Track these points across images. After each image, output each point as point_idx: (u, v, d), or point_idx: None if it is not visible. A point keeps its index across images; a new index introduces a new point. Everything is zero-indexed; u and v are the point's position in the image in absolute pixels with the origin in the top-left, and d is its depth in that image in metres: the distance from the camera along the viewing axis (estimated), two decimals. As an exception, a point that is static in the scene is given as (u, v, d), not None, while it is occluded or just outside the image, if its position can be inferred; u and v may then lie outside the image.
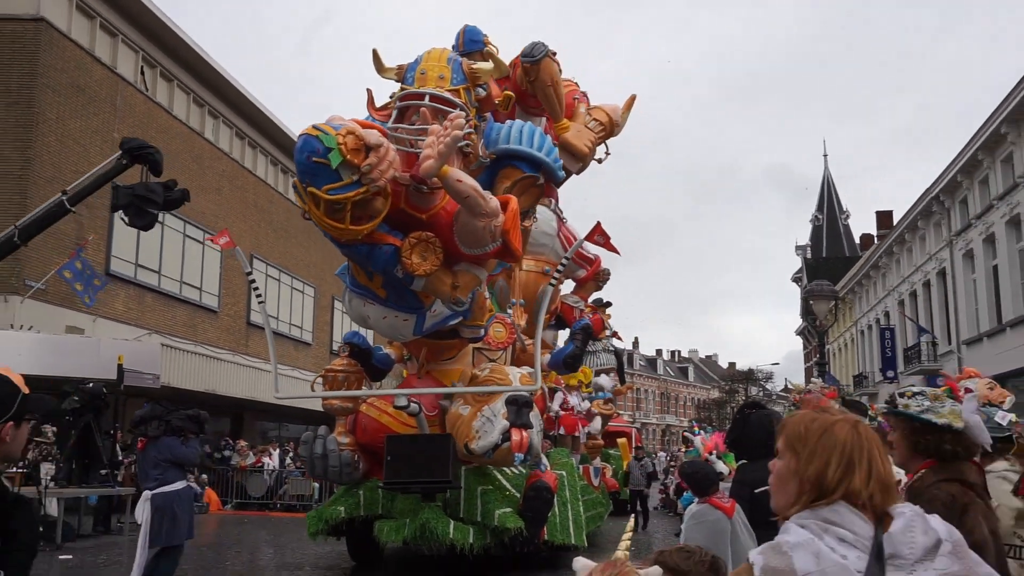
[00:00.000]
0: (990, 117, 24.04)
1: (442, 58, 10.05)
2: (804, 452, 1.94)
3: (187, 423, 8.73)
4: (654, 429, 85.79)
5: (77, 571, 11.59)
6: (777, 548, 1.84)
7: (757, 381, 73.21)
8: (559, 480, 11.19)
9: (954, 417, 2.99)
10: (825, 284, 18.22)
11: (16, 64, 20.42)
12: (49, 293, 19.62)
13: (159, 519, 8.20)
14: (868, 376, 39.03)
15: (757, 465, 5.23)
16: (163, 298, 24.41)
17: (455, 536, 9.51)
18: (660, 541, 15.38)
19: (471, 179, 8.54)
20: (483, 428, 9.58)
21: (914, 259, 33.41)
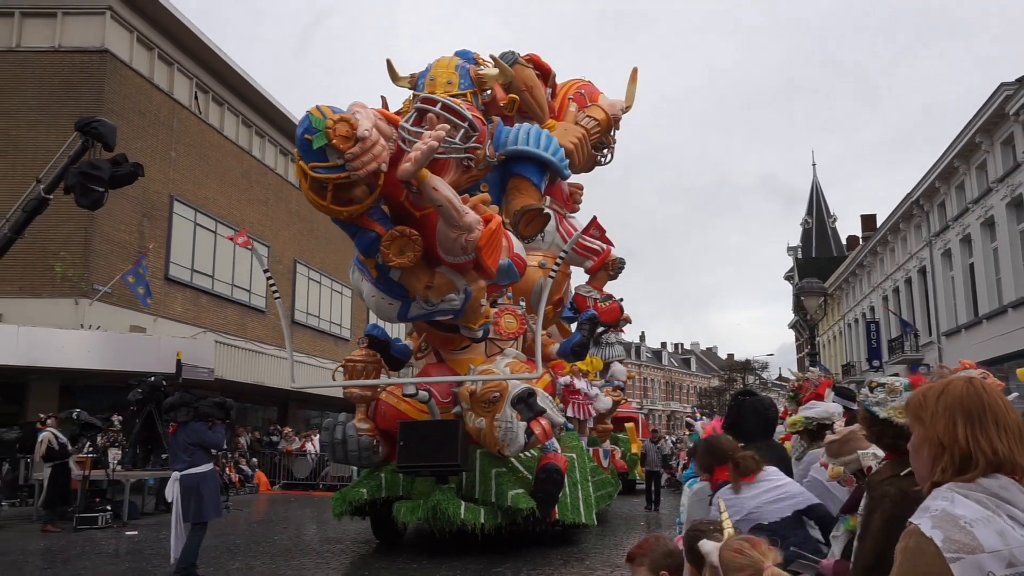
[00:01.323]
0: (965, 127, 23.81)
1: (450, 65, 9.87)
2: (927, 416, 1.80)
3: (214, 410, 8.70)
4: (660, 415, 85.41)
5: (141, 545, 11.66)
6: (954, 521, 1.62)
7: (754, 370, 72.74)
8: (569, 462, 10.89)
9: (897, 412, 2.78)
10: (815, 282, 18.10)
11: (85, 91, 20.60)
12: (115, 296, 19.77)
13: (187, 498, 8.21)
14: (855, 365, 38.76)
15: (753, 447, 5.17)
16: (216, 300, 24.55)
17: (466, 517, 9.24)
18: (668, 518, 15.25)
19: (449, 190, 8.18)
20: (507, 436, 9.40)
21: (896, 258, 33.15)
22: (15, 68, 20.67)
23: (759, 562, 2.14)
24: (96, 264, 19.81)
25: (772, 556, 2.18)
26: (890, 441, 2.82)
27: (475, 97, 9.76)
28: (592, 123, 12.85)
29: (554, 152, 10.85)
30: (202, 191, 24.32)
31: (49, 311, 19.01)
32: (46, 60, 20.78)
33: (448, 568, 8.78)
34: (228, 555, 10.47)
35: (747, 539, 2.27)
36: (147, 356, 18.38)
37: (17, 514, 15.63)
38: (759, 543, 2.24)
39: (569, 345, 11.75)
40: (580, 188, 15.73)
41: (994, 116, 22.04)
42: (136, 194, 21.42)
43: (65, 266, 19.59)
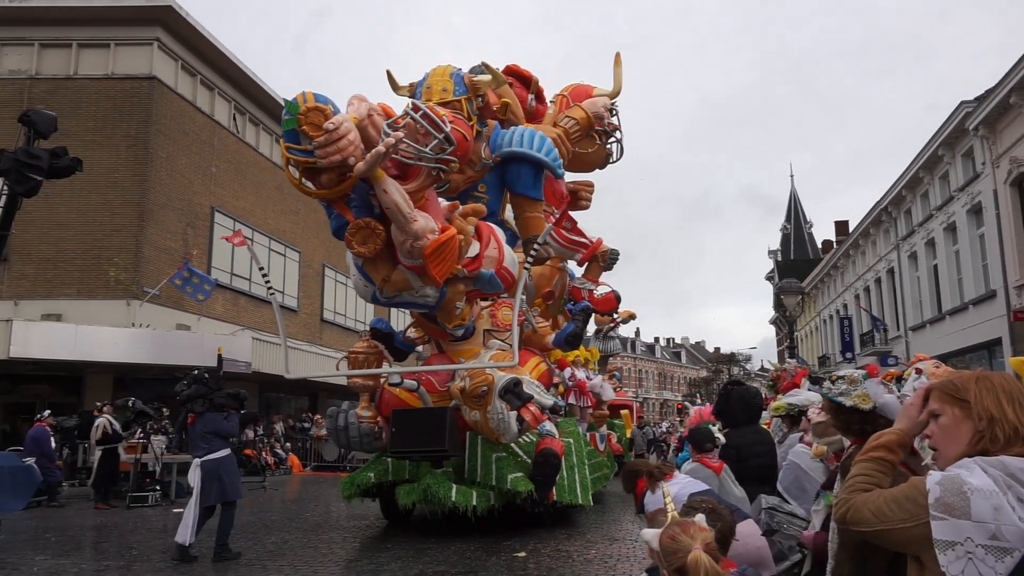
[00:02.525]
0: (929, 141, 23.74)
1: (445, 73, 9.47)
2: (972, 396, 1.76)
3: (228, 400, 8.53)
4: (653, 403, 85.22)
5: (187, 522, 11.64)
6: (958, 487, 1.61)
7: (738, 362, 72.57)
8: (566, 447, 10.51)
9: (861, 399, 2.79)
10: (794, 282, 17.99)
11: (134, 114, 20.68)
12: (163, 297, 19.83)
13: (209, 482, 8.11)
14: (830, 357, 38.59)
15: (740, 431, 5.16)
16: (253, 300, 24.59)
17: (457, 499, 8.82)
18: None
19: (399, 195, 7.54)
20: (500, 426, 8.99)
21: (867, 260, 33.01)
22: (72, 94, 20.76)
23: (688, 546, 2.12)
24: (146, 269, 19.88)
25: (701, 537, 2.16)
26: (858, 427, 2.80)
27: (469, 103, 9.35)
28: (571, 123, 11.93)
29: (547, 152, 10.36)
30: (240, 203, 24.39)
31: (104, 311, 19.09)
32: (100, 86, 20.87)
33: (462, 542, 8.73)
34: (264, 530, 10.47)
35: (681, 523, 2.24)
36: (191, 351, 18.43)
37: (75, 494, 15.68)
38: (690, 526, 2.21)
39: (563, 335, 11.03)
40: (589, 186, 14.80)
41: (955, 131, 21.97)
42: (181, 206, 21.49)
43: (118, 271, 19.66)
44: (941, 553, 1.58)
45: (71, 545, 9.62)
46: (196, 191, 22.35)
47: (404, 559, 7.88)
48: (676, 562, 2.13)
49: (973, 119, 20.59)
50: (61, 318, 18.79)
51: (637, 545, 8.92)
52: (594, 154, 13.14)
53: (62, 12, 20.98)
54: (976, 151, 21.28)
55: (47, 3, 21.13)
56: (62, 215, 19.90)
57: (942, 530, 1.59)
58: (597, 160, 13.15)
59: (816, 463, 4.33)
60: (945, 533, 1.59)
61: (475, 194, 10.48)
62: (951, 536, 1.58)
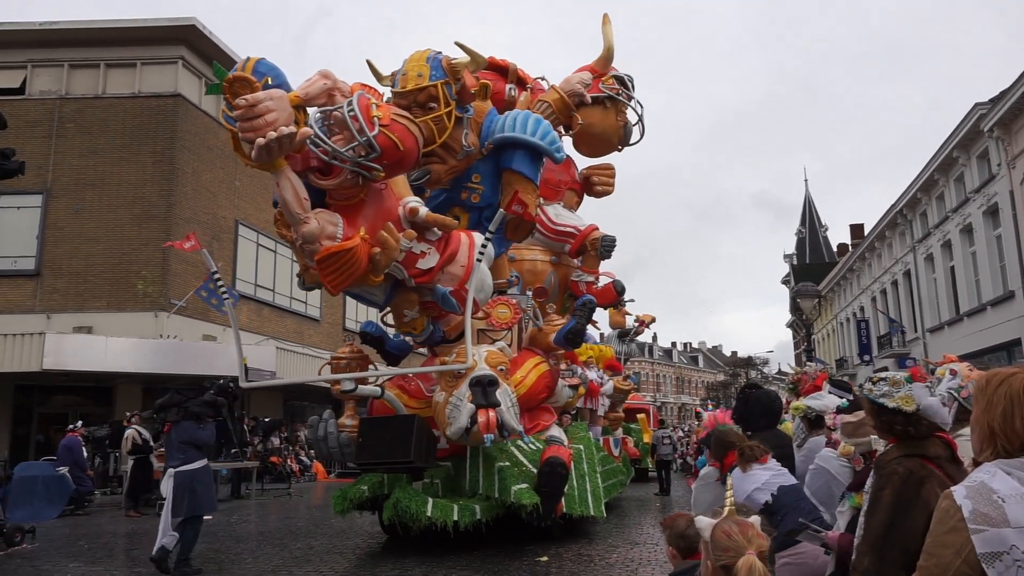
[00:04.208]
0: (944, 143, 23.49)
1: (422, 58, 8.73)
2: (984, 400, 1.76)
3: (204, 408, 8.08)
4: (671, 407, 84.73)
5: (216, 528, 11.74)
6: (987, 495, 1.57)
7: (755, 366, 71.97)
8: (576, 454, 9.66)
9: (904, 401, 2.73)
10: (810, 285, 17.85)
11: (160, 130, 20.93)
12: (189, 309, 19.99)
13: (180, 493, 7.59)
14: (848, 359, 38.21)
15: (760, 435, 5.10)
16: (277, 311, 24.75)
17: (434, 514, 7.98)
18: (681, 499, 15.06)
19: (290, 193, 6.98)
20: (452, 414, 7.94)
21: (883, 263, 32.68)
22: (101, 112, 21.07)
23: (742, 547, 2.08)
24: (172, 282, 20.08)
25: (757, 543, 2.11)
26: (900, 428, 2.77)
27: (448, 88, 8.62)
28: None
29: (543, 136, 9.50)
30: (264, 215, 24.57)
31: (132, 323, 19.30)
32: (127, 104, 21.16)
33: (485, 546, 8.56)
34: (291, 537, 10.50)
35: (739, 522, 2.20)
36: (217, 361, 18.52)
37: (107, 502, 15.83)
38: (748, 528, 2.17)
39: (563, 333, 10.00)
40: (606, 169, 13.40)
41: (970, 133, 21.74)
42: (206, 220, 21.70)
43: (146, 284, 19.88)
44: (989, 567, 1.53)
45: (103, 552, 9.70)
46: (221, 205, 22.57)
47: (428, 564, 7.87)
48: (725, 559, 2.09)
49: (988, 121, 20.36)
50: (92, 330, 19.01)
51: (658, 549, 8.84)
52: (603, 130, 12.05)
53: (90, 33, 21.32)
54: (991, 152, 21.03)
55: (76, 25, 21.48)
56: (91, 230, 20.17)
57: (985, 542, 1.54)
58: (609, 136, 12.12)
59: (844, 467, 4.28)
60: (989, 545, 1.53)
61: (469, 185, 9.83)
62: (995, 547, 1.53)
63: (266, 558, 8.79)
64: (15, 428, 19.76)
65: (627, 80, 12.36)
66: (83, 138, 20.77)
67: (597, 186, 13.22)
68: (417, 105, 8.59)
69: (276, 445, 20.40)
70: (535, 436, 9.34)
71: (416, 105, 8.58)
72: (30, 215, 20.24)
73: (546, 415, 9.87)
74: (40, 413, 20.29)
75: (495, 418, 7.73)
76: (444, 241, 8.14)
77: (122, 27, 21.38)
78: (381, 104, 7.18)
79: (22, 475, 13.27)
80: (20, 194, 19.34)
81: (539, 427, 9.51)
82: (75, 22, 21.64)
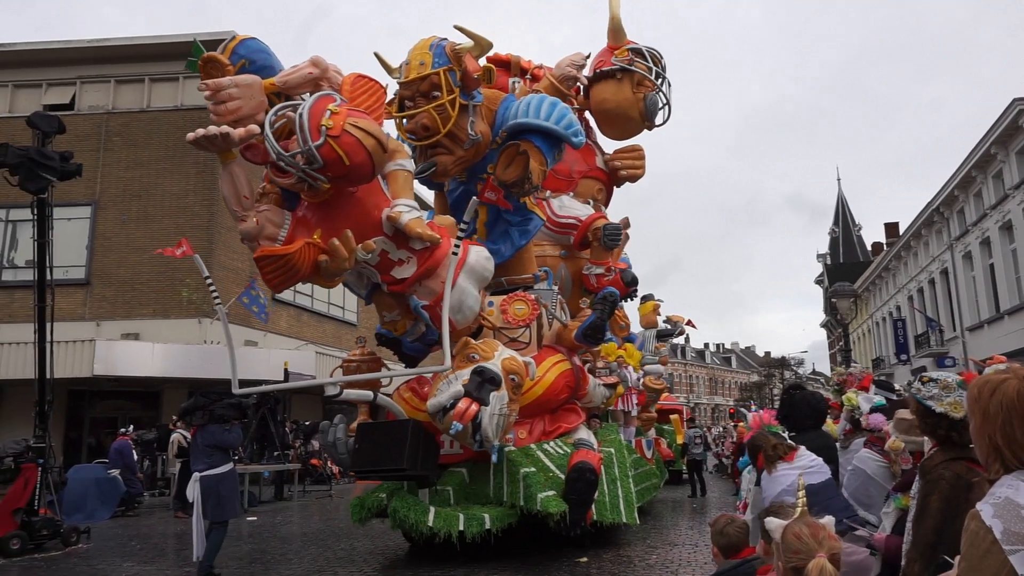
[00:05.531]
0: (981, 140, 22.97)
1: (424, 46, 8.28)
2: (979, 412, 1.69)
3: (229, 411, 7.93)
4: (705, 408, 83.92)
5: (261, 528, 11.93)
6: (1016, 511, 1.51)
7: (790, 366, 70.93)
8: (606, 458, 9.06)
9: (953, 407, 2.68)
10: (846, 285, 17.47)
11: (202, 142, 21.30)
12: (232, 315, 20.28)
13: (206, 498, 7.41)
14: (884, 359, 37.53)
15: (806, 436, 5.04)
16: (316, 316, 25.05)
17: (436, 524, 7.48)
18: (718, 500, 14.92)
19: (233, 188, 6.90)
20: (441, 387, 7.32)
21: (919, 261, 32.06)
22: (145, 125, 21.55)
23: (813, 550, 2.07)
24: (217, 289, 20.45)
25: (828, 546, 2.10)
26: (944, 433, 2.71)
27: (452, 74, 8.15)
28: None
29: (558, 120, 8.82)
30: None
31: (177, 330, 19.69)
32: (171, 117, 21.60)
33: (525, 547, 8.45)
34: (333, 538, 10.62)
35: (810, 524, 2.18)
36: (259, 366, 18.83)
37: (156, 503, 16.16)
38: (820, 530, 2.16)
39: (581, 329, 9.20)
40: (632, 151, 12.36)
41: (1008, 129, 21.25)
42: (247, 228, 22.04)
43: (190, 292, 20.27)
44: None
45: (155, 552, 9.91)
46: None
47: (469, 565, 7.89)
48: (796, 562, 2.09)
49: (1026, 116, 19.90)
50: (139, 337, 19.45)
51: (698, 550, 8.79)
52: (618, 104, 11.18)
53: (135, 49, 21.82)
54: (1031, 148, 20.55)
55: (122, 42, 22.00)
56: (138, 240, 20.62)
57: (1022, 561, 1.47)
58: (626, 110, 11.24)
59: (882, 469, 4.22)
60: None
61: (483, 176, 9.31)
62: None
63: (311, 558, 8.90)
64: (68, 432, 20.29)
65: (647, 52, 11.47)
66: (129, 151, 21.26)
67: (621, 170, 12.29)
68: (420, 95, 8.23)
69: (316, 448, 20.63)
70: (562, 440, 8.75)
71: (420, 95, 8.24)
72: (80, 226, 20.76)
73: (571, 416, 9.15)
74: (91, 417, 20.82)
75: (473, 412, 6.98)
76: (428, 252, 7.48)
77: (165, 43, 21.82)
78: (340, 110, 6.46)
79: (76, 478, 13.61)
80: (70, 206, 19.83)
81: (561, 429, 8.88)
82: (122, 39, 22.15)
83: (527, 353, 8.68)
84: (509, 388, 7.41)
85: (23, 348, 17.65)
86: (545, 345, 9.31)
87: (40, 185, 9.87)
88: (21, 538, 9.72)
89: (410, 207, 7.36)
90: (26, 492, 10.04)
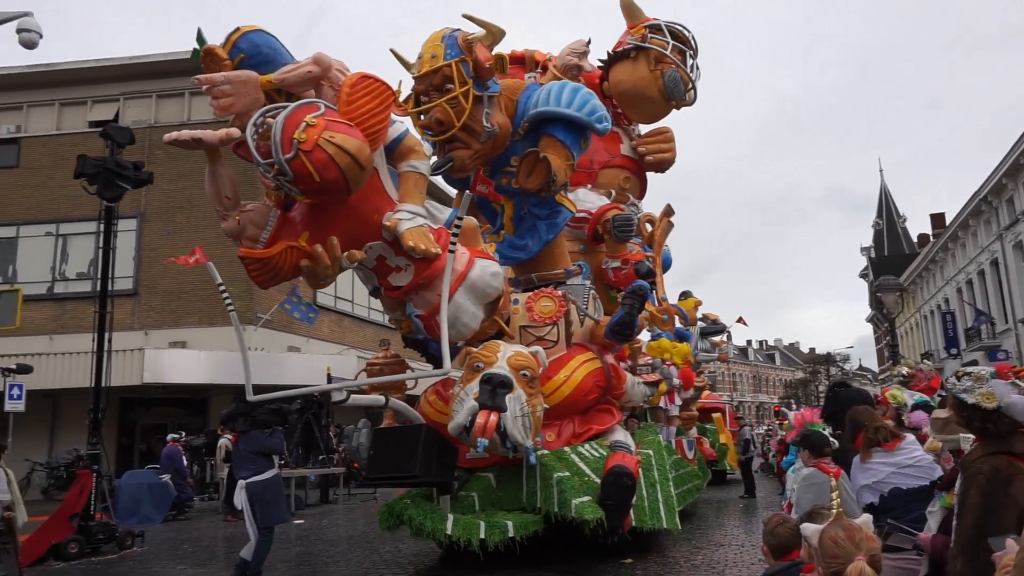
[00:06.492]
0: (1030, 126, 22.33)
1: (437, 38, 8.03)
2: None
3: (271, 416, 7.86)
4: (749, 406, 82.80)
5: (308, 531, 12.13)
6: None
7: (835, 363, 69.60)
8: (644, 460, 8.60)
9: (985, 397, 2.64)
10: (891, 279, 17.13)
11: (242, 153, 21.74)
12: (275, 322, 20.71)
13: (252, 505, 7.37)
14: (934, 354, 36.64)
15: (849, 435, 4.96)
16: (357, 321, 25.36)
17: (455, 532, 7.22)
18: (764, 500, 14.73)
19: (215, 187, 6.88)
20: (456, 408, 7.06)
21: (968, 252, 31.26)
22: (187, 138, 22.02)
23: (851, 553, 2.06)
24: (258, 298, 20.82)
25: (867, 547, 2.09)
26: (979, 425, 2.69)
27: (464, 65, 7.87)
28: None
29: (581, 106, 8.43)
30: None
31: (223, 337, 20.08)
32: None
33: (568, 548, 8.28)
34: (378, 539, 10.73)
35: (846, 526, 2.17)
36: (303, 371, 19.13)
37: (205, 507, 16.52)
38: (856, 532, 2.14)
39: (610, 326, 8.81)
40: (658, 134, 11.75)
41: (1058, 113, 20.61)
42: (287, 236, 22.44)
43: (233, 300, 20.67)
44: None
45: (206, 555, 10.15)
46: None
47: (512, 567, 7.83)
48: (834, 567, 2.08)
49: (1077, 100, 19.26)
50: (186, 345, 19.93)
51: (744, 550, 8.72)
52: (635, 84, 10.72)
53: (175, 64, 22.30)
54: (1083, 133, 19.90)
55: (163, 57, 22.56)
56: (182, 251, 20.93)
57: None
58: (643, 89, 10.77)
59: None
60: None
61: (508, 169, 9.01)
62: None
63: (356, 561, 9.04)
64: (120, 439, 20.86)
65: (667, 27, 10.95)
66: (171, 164, 21.76)
67: (647, 156, 11.69)
68: (434, 88, 7.99)
69: (360, 451, 20.89)
70: (598, 442, 8.37)
71: (433, 88, 7.99)
72: (127, 238, 21.32)
73: (605, 417, 8.73)
74: (142, 424, 21.39)
75: (494, 423, 6.75)
76: (427, 263, 7.14)
77: (204, 57, 22.33)
78: (317, 122, 6.09)
79: (129, 483, 14.00)
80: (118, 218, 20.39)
81: (592, 431, 8.48)
82: (162, 55, 22.71)
83: (555, 352, 8.44)
84: (523, 385, 7.11)
85: (76, 358, 18.23)
86: (575, 343, 8.92)
87: (116, 193, 10.30)
88: (79, 542, 10.04)
89: (412, 214, 7.08)
90: (82, 498, 10.37)
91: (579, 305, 9.09)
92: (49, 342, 20.22)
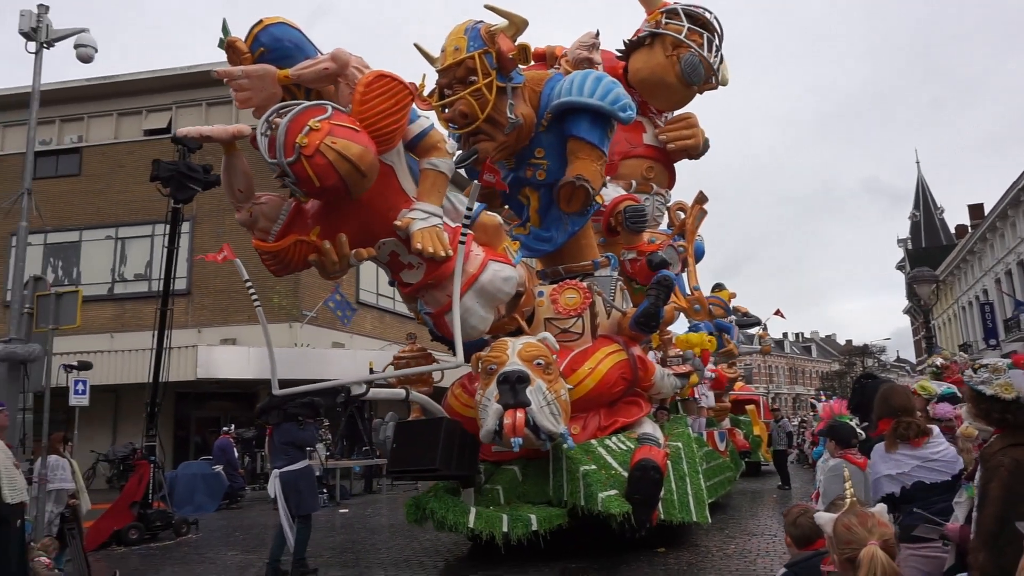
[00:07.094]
0: (1070, 115, 21.55)
1: (460, 30, 7.88)
2: None
3: (302, 410, 7.94)
4: (785, 397, 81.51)
5: (353, 520, 12.33)
6: None
7: (872, 354, 68.09)
8: (673, 453, 8.35)
9: (1003, 388, 2.59)
10: (926, 270, 16.73)
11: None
12: (319, 319, 21.04)
13: (287, 494, 7.47)
14: (972, 345, 35.66)
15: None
16: (398, 318, 25.60)
17: (477, 525, 7.10)
18: (799, 490, 14.50)
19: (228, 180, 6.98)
20: (482, 414, 6.99)
21: (1007, 243, 30.33)
22: (235, 144, 22.45)
23: (863, 539, 2.06)
24: (304, 295, 21.20)
25: (879, 532, 2.08)
26: (998, 416, 2.64)
27: (488, 57, 7.71)
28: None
29: (604, 95, 8.20)
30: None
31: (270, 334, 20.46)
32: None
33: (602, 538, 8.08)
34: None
35: (859, 513, 2.17)
36: (346, 366, 19.39)
37: (256, 497, 16.87)
38: (868, 518, 2.13)
39: (635, 317, 8.54)
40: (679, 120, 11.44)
41: (1099, 101, 19.85)
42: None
43: (281, 298, 21.08)
44: None
45: (256, 542, 10.39)
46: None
47: (546, 557, 7.78)
48: (848, 553, 2.08)
49: (1119, 87, 18.54)
50: (236, 342, 20.35)
51: (776, 540, 8.62)
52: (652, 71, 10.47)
53: (223, 74, 22.80)
54: (1125, 120, 19.13)
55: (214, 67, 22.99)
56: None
57: None
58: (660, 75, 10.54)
59: None
60: None
61: (533, 160, 8.82)
62: None
63: (398, 549, 9.17)
64: (176, 431, 21.42)
65: (684, 10, 10.62)
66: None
67: (668, 144, 11.31)
68: (457, 81, 7.88)
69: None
70: (625, 435, 8.16)
71: (456, 81, 7.88)
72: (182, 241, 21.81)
73: (632, 409, 8.51)
74: (197, 418, 21.91)
75: (522, 419, 6.63)
76: (438, 262, 6.95)
77: (250, 66, 22.72)
78: (321, 126, 5.97)
79: (185, 473, 14.38)
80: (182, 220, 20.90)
81: (618, 423, 8.28)
82: (214, 64, 23.17)
83: (581, 343, 8.33)
84: (540, 373, 7.01)
85: (134, 355, 18.76)
86: (601, 335, 8.68)
87: (188, 195, 10.57)
88: (138, 529, 10.38)
89: (427, 214, 6.93)
90: (141, 487, 10.71)
91: (605, 297, 8.85)
92: (110, 340, 20.82)
